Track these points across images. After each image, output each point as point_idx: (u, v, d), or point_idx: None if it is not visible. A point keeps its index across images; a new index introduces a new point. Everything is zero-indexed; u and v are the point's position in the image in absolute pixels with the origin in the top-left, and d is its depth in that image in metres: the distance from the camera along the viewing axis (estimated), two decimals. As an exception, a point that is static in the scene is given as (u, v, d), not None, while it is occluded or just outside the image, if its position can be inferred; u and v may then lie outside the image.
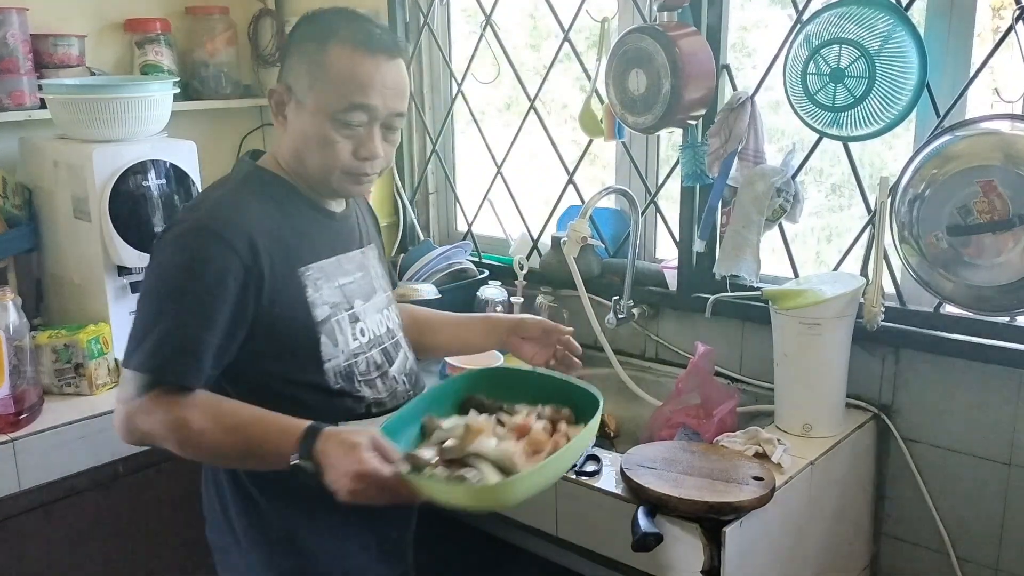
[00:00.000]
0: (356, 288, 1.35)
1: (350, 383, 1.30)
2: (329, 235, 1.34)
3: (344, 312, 1.31)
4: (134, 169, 1.90)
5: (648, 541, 1.23)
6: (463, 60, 2.22)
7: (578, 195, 2.05)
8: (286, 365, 1.26)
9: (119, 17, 2.35)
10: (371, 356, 1.34)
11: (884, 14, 1.44)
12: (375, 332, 1.36)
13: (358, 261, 1.38)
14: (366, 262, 1.40)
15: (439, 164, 2.34)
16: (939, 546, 1.63)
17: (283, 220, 1.28)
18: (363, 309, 1.35)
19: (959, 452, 1.59)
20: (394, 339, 1.40)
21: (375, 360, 1.34)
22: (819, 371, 1.54)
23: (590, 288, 1.86)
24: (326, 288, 1.30)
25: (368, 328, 1.35)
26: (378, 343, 1.36)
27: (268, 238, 1.24)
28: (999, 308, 1.44)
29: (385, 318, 1.40)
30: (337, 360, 1.28)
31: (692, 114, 1.71)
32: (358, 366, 1.31)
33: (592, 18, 1.89)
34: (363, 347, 1.33)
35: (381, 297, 1.41)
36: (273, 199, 1.29)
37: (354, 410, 1.30)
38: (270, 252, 1.23)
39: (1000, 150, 1.36)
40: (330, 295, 1.30)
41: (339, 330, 1.29)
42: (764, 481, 1.32)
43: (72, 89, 1.94)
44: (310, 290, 1.27)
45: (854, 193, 1.64)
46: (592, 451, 1.47)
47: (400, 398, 1.36)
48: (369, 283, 1.39)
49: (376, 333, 1.36)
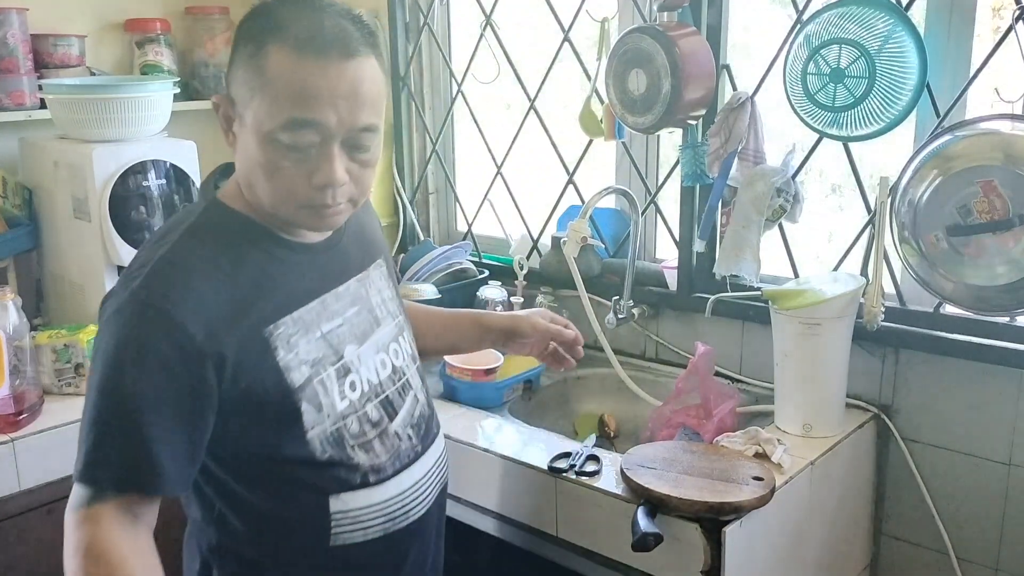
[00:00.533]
0: (347, 331, 1.15)
1: (340, 450, 1.12)
2: (308, 275, 1.13)
3: (330, 367, 1.12)
4: (134, 169, 1.90)
5: (648, 541, 1.23)
6: (463, 60, 2.22)
7: (578, 195, 2.05)
8: (265, 442, 1.09)
9: (119, 17, 2.35)
10: (365, 413, 1.15)
11: (884, 14, 1.44)
12: (371, 381, 1.17)
13: (352, 294, 1.19)
14: (364, 291, 1.21)
15: (439, 164, 2.34)
16: (939, 546, 1.63)
17: (242, 273, 1.07)
18: (356, 356, 1.16)
19: (959, 452, 1.59)
20: (402, 380, 1.21)
21: (370, 417, 1.15)
22: (819, 371, 1.54)
23: (590, 288, 1.86)
24: (303, 344, 1.10)
25: (362, 379, 1.15)
26: (375, 394, 1.17)
27: (225, 305, 1.04)
28: (999, 308, 1.44)
29: (391, 355, 1.21)
30: (323, 426, 1.10)
31: (692, 114, 1.71)
32: (348, 428, 1.13)
33: (592, 18, 1.89)
34: (354, 405, 1.14)
35: (385, 330, 1.22)
36: (230, 246, 1.08)
37: (349, 481, 1.13)
38: (228, 321, 1.04)
39: (1000, 150, 1.36)
40: (309, 351, 1.10)
41: (323, 392, 1.11)
42: (764, 481, 1.32)
43: (72, 89, 1.94)
44: (281, 352, 1.07)
45: (854, 193, 1.64)
46: (592, 451, 1.47)
47: (404, 458, 1.18)
48: (367, 318, 1.19)
49: (373, 382, 1.17)
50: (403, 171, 2.36)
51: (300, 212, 1.07)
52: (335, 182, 1.04)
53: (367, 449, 1.14)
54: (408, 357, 1.25)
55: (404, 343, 1.25)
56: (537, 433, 1.62)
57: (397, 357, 1.22)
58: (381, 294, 1.24)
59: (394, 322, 1.25)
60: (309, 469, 1.10)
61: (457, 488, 1.58)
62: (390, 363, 1.21)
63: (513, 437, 1.59)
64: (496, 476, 1.51)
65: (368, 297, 1.21)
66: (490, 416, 1.68)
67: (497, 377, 1.75)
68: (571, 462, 1.44)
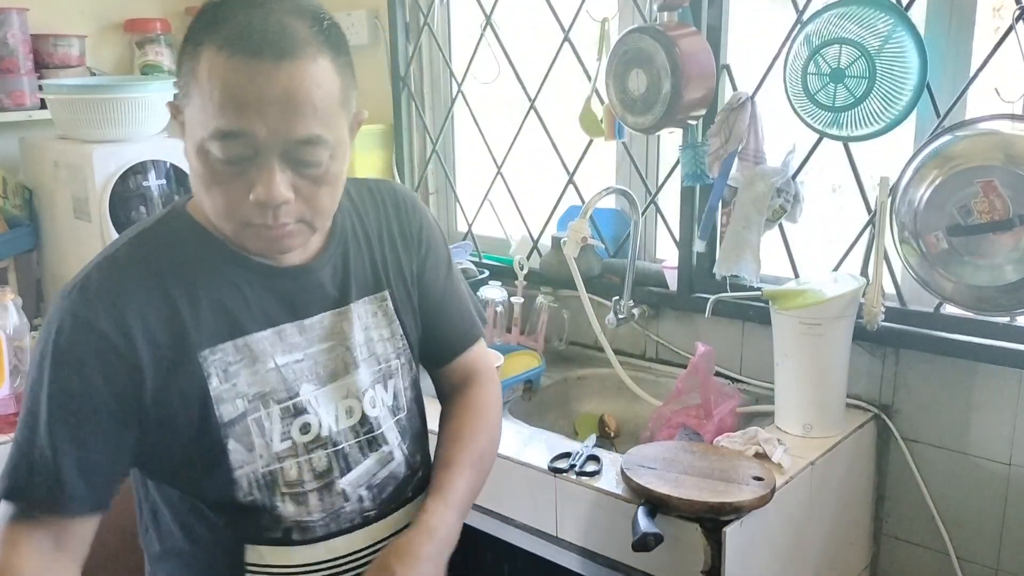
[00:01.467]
0: (307, 368, 1.04)
1: (268, 495, 1.01)
2: (265, 300, 1.03)
3: (275, 405, 1.01)
4: (134, 169, 1.91)
5: (648, 541, 1.23)
6: (463, 60, 2.22)
7: (578, 195, 2.05)
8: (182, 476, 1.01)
9: (119, 17, 2.36)
10: (309, 460, 1.03)
11: (884, 14, 1.44)
12: (331, 428, 1.05)
13: (326, 328, 1.06)
14: (343, 327, 1.08)
15: (439, 164, 2.34)
16: (939, 546, 1.63)
17: (184, 288, 0.98)
18: (315, 396, 1.04)
19: (959, 452, 1.59)
20: (370, 432, 1.09)
21: (315, 466, 1.04)
22: (819, 371, 1.54)
23: (590, 288, 1.86)
24: (245, 375, 1.00)
25: (319, 422, 1.04)
26: (331, 442, 1.05)
27: (158, 320, 0.96)
28: (999, 308, 1.44)
29: (366, 403, 1.08)
30: (253, 466, 1.00)
31: (692, 114, 1.71)
32: (285, 473, 1.02)
33: (592, 18, 1.89)
34: (297, 449, 1.02)
35: (363, 374, 1.09)
36: (178, 259, 1.00)
37: (269, 533, 1.02)
38: (157, 338, 0.96)
39: (1000, 150, 1.36)
40: (252, 383, 1.00)
41: (258, 431, 1.00)
42: (764, 481, 1.32)
43: (72, 89, 1.94)
44: (215, 381, 0.98)
45: (854, 193, 1.64)
46: (592, 451, 1.47)
47: (345, 521, 1.06)
48: (340, 357, 1.07)
49: (333, 429, 1.05)
50: (403, 171, 2.36)
51: (244, 232, 0.96)
52: (272, 200, 0.91)
53: (299, 501, 1.03)
54: (389, 409, 1.11)
55: (388, 392, 1.12)
56: (537, 433, 1.62)
57: (373, 406, 1.09)
58: (368, 333, 1.11)
59: (379, 367, 1.11)
60: (228, 511, 1.01)
61: (457, 488, 1.58)
62: (359, 411, 1.08)
63: (513, 437, 1.59)
64: (496, 476, 1.51)
65: (348, 334, 1.08)
66: (490, 416, 1.68)
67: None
68: (571, 462, 1.44)
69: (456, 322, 1.24)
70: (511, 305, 2.02)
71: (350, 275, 1.10)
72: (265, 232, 0.95)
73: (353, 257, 1.11)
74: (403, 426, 1.14)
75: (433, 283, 1.20)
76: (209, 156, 0.92)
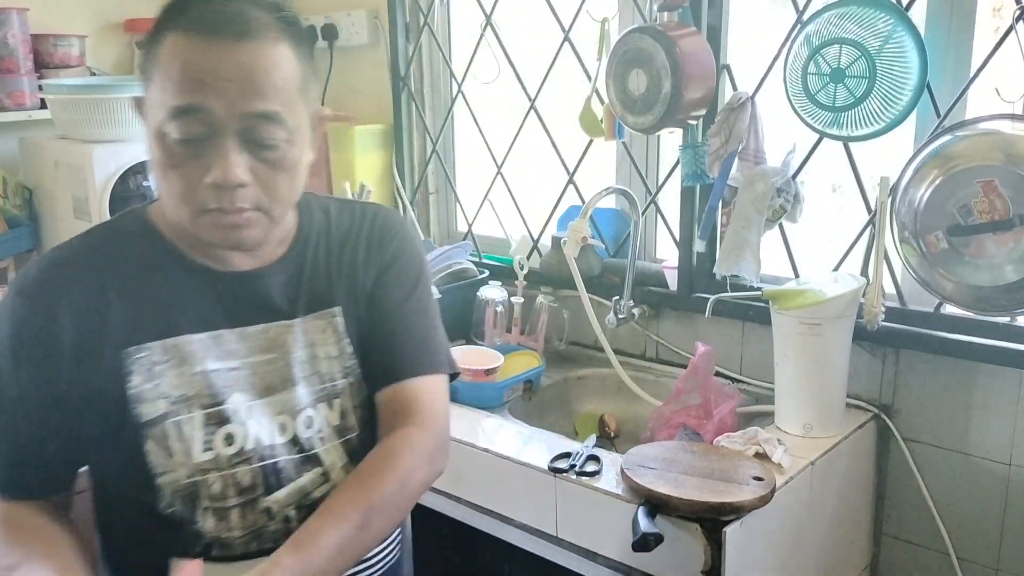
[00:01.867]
0: (242, 377, 1.02)
1: (189, 509, 0.99)
2: (205, 303, 1.02)
3: (198, 410, 0.99)
4: (134, 169, 1.91)
5: (648, 541, 1.23)
6: (463, 60, 2.22)
7: (578, 195, 2.05)
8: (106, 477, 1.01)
9: (119, 17, 2.35)
10: (234, 475, 1.00)
11: (884, 14, 1.44)
12: (259, 441, 1.02)
13: (269, 340, 1.04)
14: (286, 340, 1.05)
15: (439, 164, 2.34)
16: (939, 546, 1.63)
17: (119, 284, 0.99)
18: (245, 407, 1.01)
19: (959, 452, 1.59)
20: (304, 452, 1.05)
21: (240, 481, 1.01)
22: (819, 371, 1.54)
23: (590, 288, 1.86)
24: (171, 376, 0.99)
25: (244, 434, 1.01)
26: (259, 457, 1.02)
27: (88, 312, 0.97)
28: (999, 308, 1.44)
29: (300, 422, 1.05)
30: (175, 475, 0.99)
31: (692, 114, 1.71)
32: (208, 486, 1.00)
33: (592, 18, 1.89)
34: (220, 461, 1.00)
35: (301, 392, 1.05)
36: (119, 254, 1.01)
37: (188, 548, 0.99)
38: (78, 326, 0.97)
39: (1000, 150, 1.36)
40: (178, 386, 0.99)
41: (177, 434, 0.98)
42: (764, 481, 1.32)
43: (72, 89, 1.94)
44: (136, 379, 0.97)
45: (854, 193, 1.64)
46: (592, 451, 1.47)
47: (268, 540, 1.02)
48: (280, 372, 1.04)
49: (264, 443, 1.02)
50: (403, 171, 2.36)
51: (200, 220, 0.94)
52: (229, 180, 0.91)
53: (221, 517, 1.00)
54: (328, 431, 1.07)
55: (334, 412, 1.08)
56: (537, 433, 1.62)
57: (308, 427, 1.06)
58: (314, 350, 1.07)
59: (323, 386, 1.07)
60: (151, 521, 0.99)
61: (457, 488, 1.58)
62: (292, 431, 1.05)
63: (513, 437, 1.59)
64: (496, 476, 1.51)
65: (290, 349, 1.05)
66: (490, 416, 1.68)
67: (497, 377, 1.75)
68: (571, 462, 1.44)
69: (403, 347, 1.12)
70: (511, 305, 2.02)
71: (301, 288, 1.07)
72: (222, 218, 0.94)
73: (308, 270, 1.09)
74: (353, 447, 1.09)
75: (386, 298, 1.13)
76: (167, 139, 0.92)
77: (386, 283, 1.13)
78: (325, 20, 2.41)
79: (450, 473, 1.58)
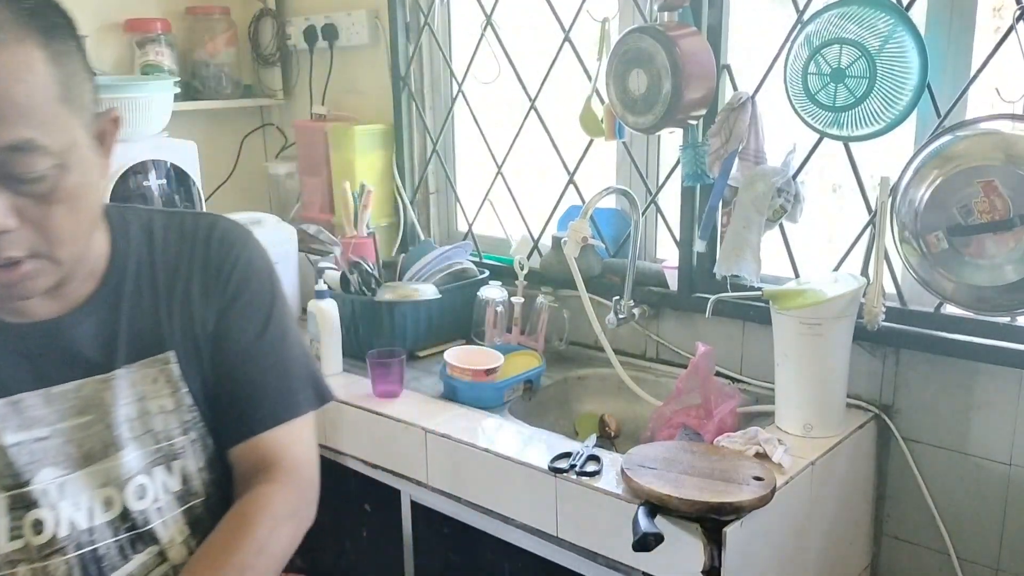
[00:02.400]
0: (51, 448, 0.86)
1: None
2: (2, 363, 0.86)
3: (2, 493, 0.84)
4: (134, 169, 1.90)
5: (648, 541, 1.23)
6: (463, 60, 2.22)
7: (579, 195, 2.05)
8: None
9: (119, 17, 2.35)
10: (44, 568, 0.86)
11: (885, 14, 1.44)
12: (75, 525, 0.87)
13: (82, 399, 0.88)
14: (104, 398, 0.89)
15: (439, 164, 2.34)
16: (940, 546, 1.62)
17: None
18: (57, 485, 0.86)
19: (959, 452, 1.59)
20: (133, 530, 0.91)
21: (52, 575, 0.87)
22: (819, 371, 1.54)
23: (591, 288, 1.86)
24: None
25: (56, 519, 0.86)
26: (75, 544, 0.87)
27: None
28: (999, 308, 1.44)
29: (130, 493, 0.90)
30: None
31: (693, 114, 1.71)
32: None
33: (592, 18, 1.89)
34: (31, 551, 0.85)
35: (129, 457, 0.90)
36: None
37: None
38: None
39: (1001, 150, 1.36)
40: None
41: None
42: (764, 481, 1.32)
43: (72, 89, 1.94)
44: None
45: (855, 193, 1.64)
46: (593, 451, 1.47)
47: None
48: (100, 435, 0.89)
49: (81, 526, 0.87)
50: (403, 171, 2.36)
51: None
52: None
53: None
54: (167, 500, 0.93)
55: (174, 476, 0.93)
56: (537, 433, 1.62)
57: (141, 498, 0.91)
58: (144, 404, 0.91)
59: (157, 447, 0.92)
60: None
61: (457, 488, 1.58)
62: (120, 505, 0.90)
63: (513, 437, 1.59)
64: (496, 476, 1.51)
65: (110, 407, 0.89)
66: (490, 416, 1.68)
67: (497, 377, 1.75)
68: (571, 462, 1.44)
69: (257, 394, 0.98)
70: (511, 305, 2.02)
71: (119, 333, 0.91)
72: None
73: (127, 309, 0.91)
74: (197, 515, 0.96)
75: (236, 338, 0.97)
76: None
77: (232, 320, 0.96)
78: (325, 20, 2.42)
79: (450, 473, 1.58)
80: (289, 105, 2.64)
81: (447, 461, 1.58)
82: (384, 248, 2.31)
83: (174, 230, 0.97)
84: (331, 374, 1.88)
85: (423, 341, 2.00)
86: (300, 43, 2.49)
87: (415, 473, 1.64)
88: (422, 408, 1.70)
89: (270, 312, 0.99)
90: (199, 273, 0.95)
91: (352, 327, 1.96)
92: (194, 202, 2.01)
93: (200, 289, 0.95)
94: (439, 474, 1.60)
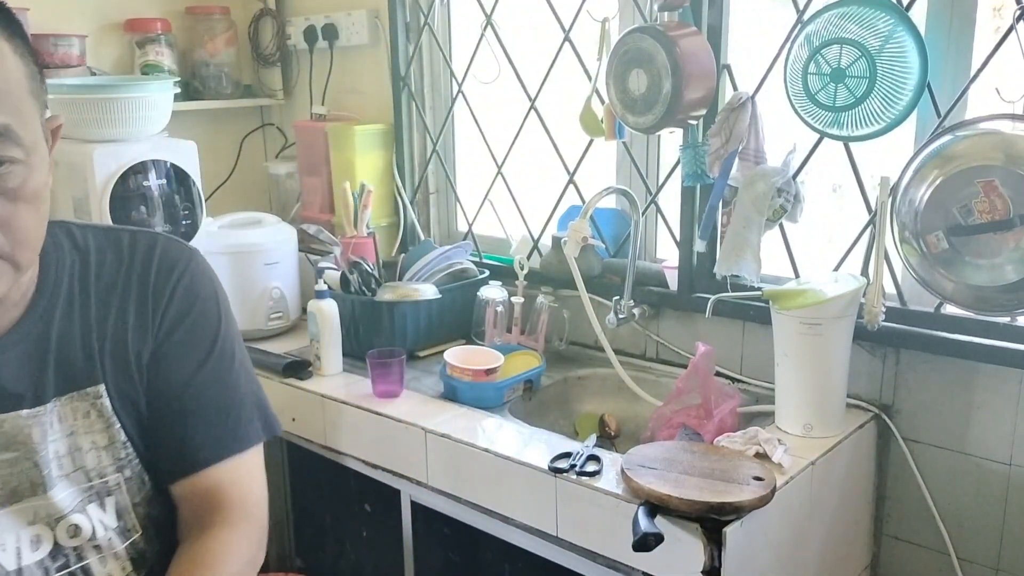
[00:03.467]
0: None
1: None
2: None
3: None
4: (134, 169, 1.90)
5: (648, 541, 1.23)
6: (463, 60, 2.22)
7: (579, 195, 2.05)
8: None
9: (119, 17, 2.36)
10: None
11: (885, 14, 1.44)
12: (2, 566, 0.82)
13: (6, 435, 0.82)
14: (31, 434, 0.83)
15: (439, 164, 2.34)
16: (940, 546, 1.63)
17: None
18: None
19: (959, 452, 1.59)
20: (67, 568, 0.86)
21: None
22: (820, 371, 1.54)
23: (591, 288, 1.86)
24: None
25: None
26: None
27: None
28: (999, 308, 1.44)
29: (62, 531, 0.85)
30: None
31: (693, 114, 1.71)
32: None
33: (592, 18, 1.89)
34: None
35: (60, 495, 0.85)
36: None
37: None
38: None
39: (1001, 150, 1.36)
40: None
41: None
42: (765, 481, 1.32)
43: (72, 89, 1.94)
44: None
45: (855, 193, 1.64)
46: (593, 451, 1.47)
47: None
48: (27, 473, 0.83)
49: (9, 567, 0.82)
50: (403, 171, 2.36)
51: None
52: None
53: None
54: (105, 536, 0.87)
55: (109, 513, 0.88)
56: (537, 433, 1.62)
57: (75, 535, 0.85)
58: (75, 440, 0.86)
59: (90, 484, 0.87)
60: None
61: (457, 488, 1.58)
62: (50, 542, 0.84)
63: (513, 437, 1.59)
64: (496, 476, 1.51)
65: (38, 444, 0.83)
66: (490, 416, 1.68)
67: (497, 377, 1.75)
68: (571, 462, 1.44)
69: (200, 428, 0.93)
70: (511, 305, 2.02)
71: (48, 364, 0.85)
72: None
73: (57, 338, 0.85)
74: (140, 551, 0.91)
75: (174, 368, 0.92)
76: None
77: (170, 349, 0.91)
78: (325, 20, 2.42)
79: (450, 473, 1.59)
80: (289, 105, 2.65)
81: (447, 461, 1.58)
82: (384, 248, 2.31)
83: (111, 250, 0.91)
84: (331, 374, 1.89)
85: (423, 341, 2.00)
86: (300, 43, 2.49)
87: (415, 473, 1.64)
88: (422, 408, 1.71)
89: (214, 340, 0.94)
90: (136, 298, 0.89)
91: (352, 327, 1.96)
92: (194, 202, 2.01)
93: (137, 317, 0.89)
94: (439, 474, 1.60)
